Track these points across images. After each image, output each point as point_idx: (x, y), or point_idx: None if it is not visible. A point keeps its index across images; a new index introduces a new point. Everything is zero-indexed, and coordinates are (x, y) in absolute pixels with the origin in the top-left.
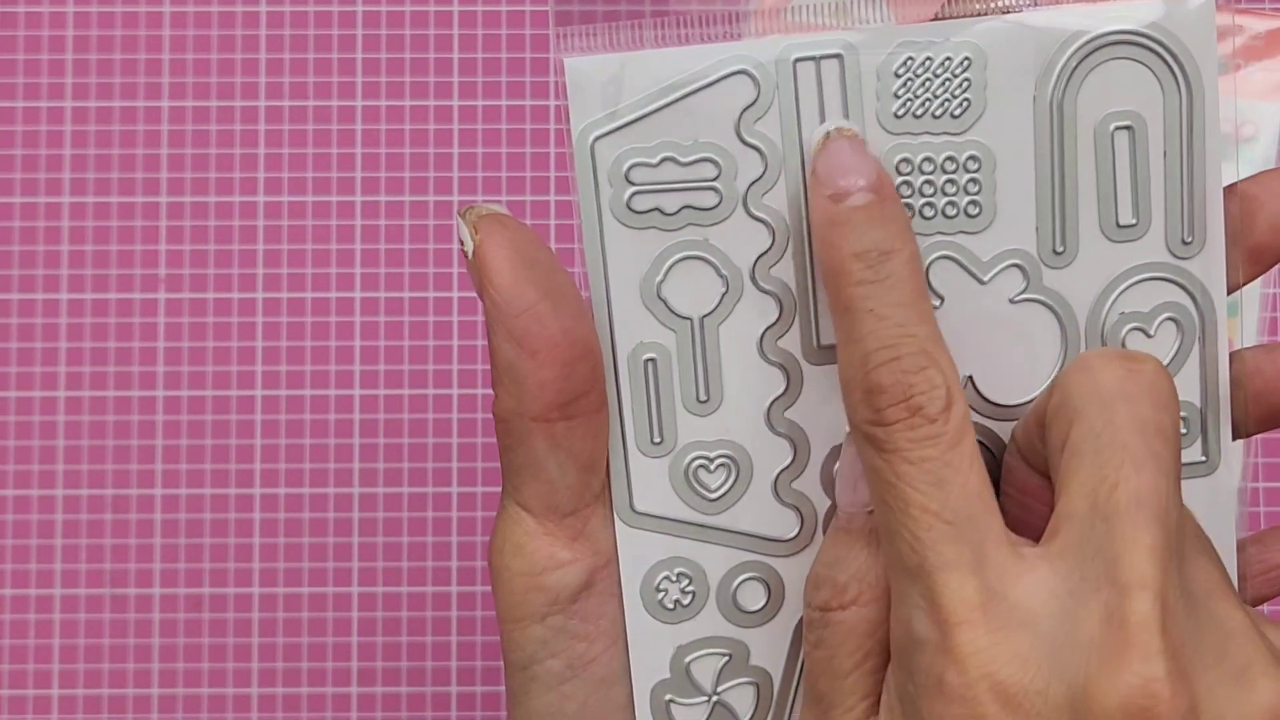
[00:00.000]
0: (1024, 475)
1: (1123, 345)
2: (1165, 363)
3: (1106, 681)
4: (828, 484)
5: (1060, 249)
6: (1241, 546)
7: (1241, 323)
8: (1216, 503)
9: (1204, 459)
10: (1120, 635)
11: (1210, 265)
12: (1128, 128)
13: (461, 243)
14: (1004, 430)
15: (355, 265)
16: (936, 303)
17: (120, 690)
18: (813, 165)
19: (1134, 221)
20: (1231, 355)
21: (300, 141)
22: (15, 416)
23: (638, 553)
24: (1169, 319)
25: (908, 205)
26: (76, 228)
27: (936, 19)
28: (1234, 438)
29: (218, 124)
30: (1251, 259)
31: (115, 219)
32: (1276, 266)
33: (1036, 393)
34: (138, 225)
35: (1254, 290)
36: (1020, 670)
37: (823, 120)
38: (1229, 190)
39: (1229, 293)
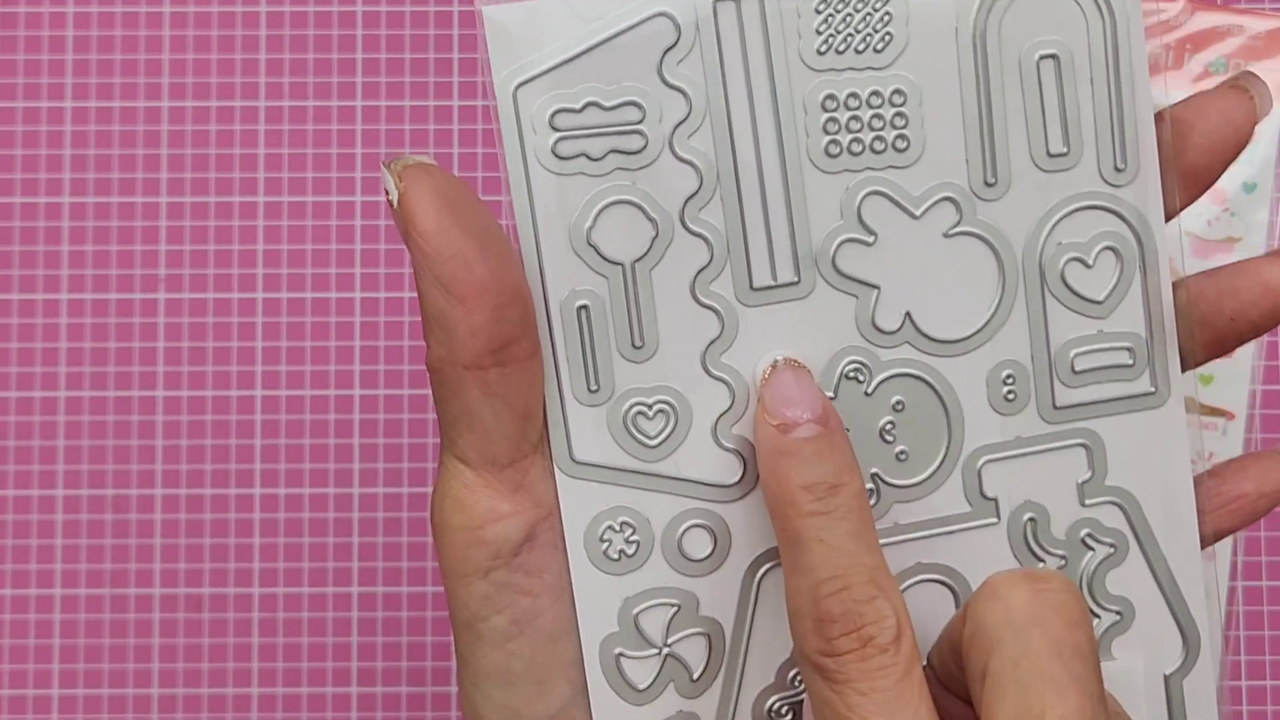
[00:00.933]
0: (944, 701)
1: (1061, 277)
2: (1107, 293)
3: None
4: None
5: (992, 181)
6: (1199, 482)
7: None
8: (1168, 435)
9: (1153, 390)
10: None
11: (1145, 192)
12: (1053, 56)
13: (386, 192)
14: (944, 365)
15: (355, 265)
16: (870, 239)
17: (120, 690)
18: (759, 393)
19: (1065, 150)
20: (1175, 284)
21: (300, 141)
22: (15, 416)
23: (579, 503)
24: (1107, 248)
25: (834, 141)
26: (76, 228)
27: None
28: (1183, 368)
29: (218, 124)
30: (1187, 183)
31: (115, 219)
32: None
33: (976, 328)
34: (138, 225)
35: None
36: None
37: (745, 61)
38: (1159, 116)
39: (1167, 219)
